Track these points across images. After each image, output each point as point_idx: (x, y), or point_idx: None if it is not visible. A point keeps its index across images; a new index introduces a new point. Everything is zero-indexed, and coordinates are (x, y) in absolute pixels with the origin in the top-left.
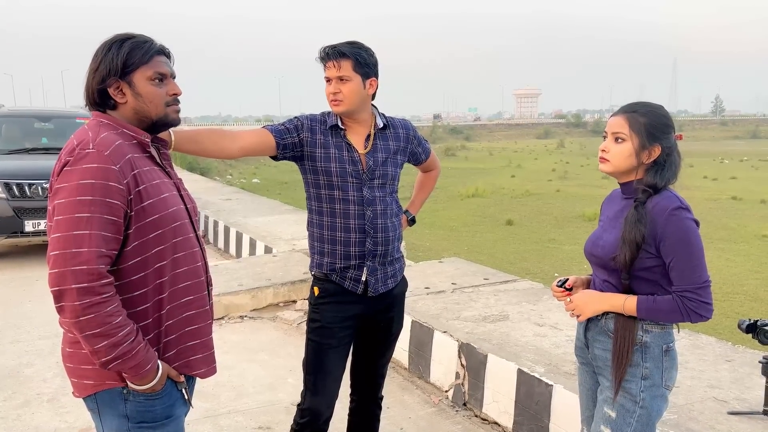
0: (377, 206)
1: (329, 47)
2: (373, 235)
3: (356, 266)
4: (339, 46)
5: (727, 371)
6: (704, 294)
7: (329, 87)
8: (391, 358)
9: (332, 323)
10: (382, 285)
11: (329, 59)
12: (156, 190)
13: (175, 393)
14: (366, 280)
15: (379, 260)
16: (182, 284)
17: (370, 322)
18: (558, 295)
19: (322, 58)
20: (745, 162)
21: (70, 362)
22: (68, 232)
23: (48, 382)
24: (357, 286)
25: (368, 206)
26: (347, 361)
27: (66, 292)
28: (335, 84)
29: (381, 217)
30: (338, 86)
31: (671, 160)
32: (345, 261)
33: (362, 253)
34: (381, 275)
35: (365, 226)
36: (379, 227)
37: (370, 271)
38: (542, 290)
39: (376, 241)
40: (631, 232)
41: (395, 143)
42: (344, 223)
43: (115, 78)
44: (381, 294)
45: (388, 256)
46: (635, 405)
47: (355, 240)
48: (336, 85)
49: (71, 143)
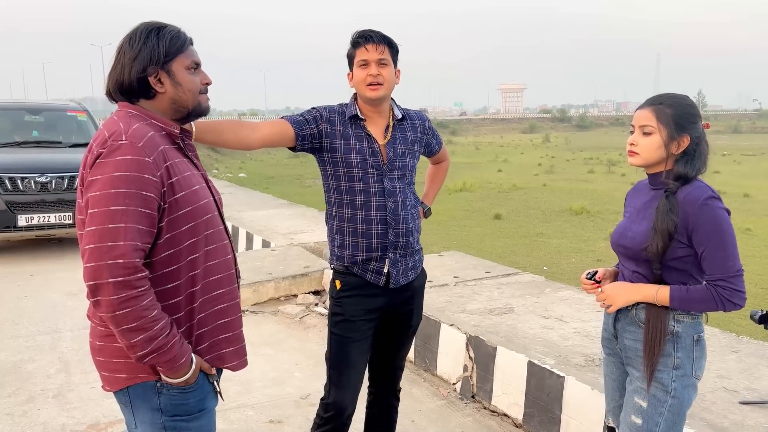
0: (398, 197)
1: (368, 30)
2: (395, 226)
3: (378, 258)
4: (375, 30)
5: (735, 361)
6: (737, 282)
7: (367, 70)
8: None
9: (355, 316)
10: (403, 276)
11: (370, 42)
12: (187, 182)
13: (207, 386)
14: (388, 271)
15: (401, 252)
16: (214, 277)
17: (392, 314)
18: (588, 287)
19: (358, 40)
20: (728, 156)
21: (101, 356)
22: (103, 225)
23: (52, 377)
24: (379, 278)
25: (389, 197)
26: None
27: (102, 286)
28: (375, 67)
29: (402, 208)
30: (378, 69)
31: (700, 149)
32: (367, 253)
33: (384, 245)
34: (402, 267)
35: (387, 218)
36: (401, 218)
37: (392, 263)
38: (544, 283)
39: (398, 233)
40: (664, 221)
41: (413, 134)
42: (365, 215)
43: (155, 67)
44: (402, 286)
45: (408, 247)
46: (667, 395)
47: (378, 232)
48: (376, 68)
49: (102, 134)
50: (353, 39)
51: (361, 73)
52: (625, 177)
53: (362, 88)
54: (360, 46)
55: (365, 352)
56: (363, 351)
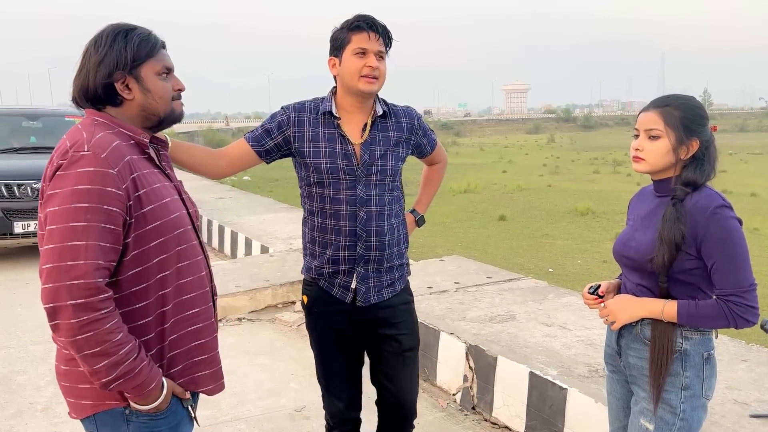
0: (372, 207)
1: (371, 17)
2: (365, 238)
3: (345, 272)
4: (378, 20)
5: (744, 371)
6: (750, 298)
7: (366, 60)
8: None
9: (325, 333)
10: (375, 294)
11: (374, 30)
12: (157, 195)
13: (181, 411)
14: (355, 288)
15: (373, 267)
16: (187, 296)
17: (371, 334)
18: (590, 302)
19: (360, 24)
20: (734, 155)
21: (66, 381)
22: (62, 243)
23: (41, 390)
24: (346, 294)
25: (361, 206)
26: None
27: (61, 308)
28: (375, 58)
29: (376, 219)
30: (378, 62)
31: (709, 153)
32: (333, 266)
33: (352, 258)
34: (374, 284)
35: (356, 229)
36: (373, 230)
37: (360, 278)
38: (547, 288)
39: (369, 246)
40: (671, 231)
41: (396, 134)
42: (334, 224)
43: (122, 72)
44: (373, 305)
45: (384, 262)
46: (675, 417)
47: (345, 243)
48: (376, 60)
49: (63, 144)
50: (352, 22)
51: (357, 62)
52: (631, 177)
53: (355, 80)
54: (361, 31)
55: (347, 364)
56: (344, 364)
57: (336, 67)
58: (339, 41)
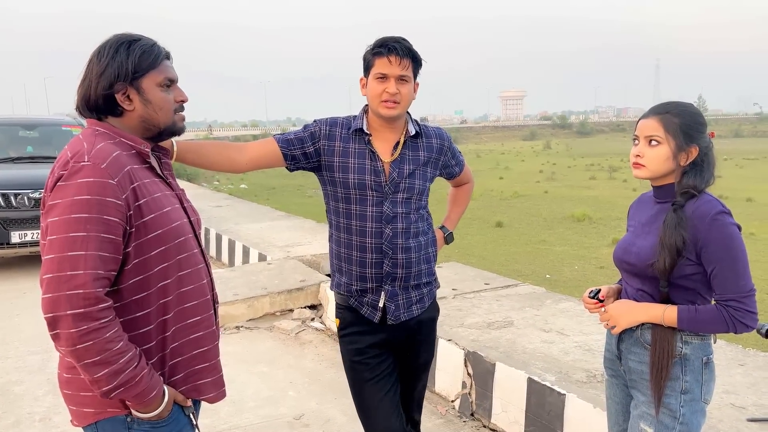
0: (398, 224)
1: (394, 40)
2: (391, 256)
3: (374, 290)
4: (402, 41)
5: (741, 375)
6: (749, 303)
7: (385, 85)
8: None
9: (358, 356)
10: (405, 312)
11: (394, 54)
12: (157, 204)
13: (183, 419)
14: (384, 306)
15: (400, 284)
16: (189, 304)
17: (398, 349)
18: (591, 307)
19: (380, 50)
20: (729, 161)
21: (68, 389)
22: (62, 254)
23: (39, 400)
24: (374, 314)
25: (387, 224)
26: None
27: (61, 318)
28: (394, 84)
29: (402, 236)
30: (398, 86)
31: (708, 159)
32: (361, 283)
33: (380, 275)
34: (403, 301)
35: (382, 246)
36: (399, 247)
37: (389, 296)
38: (544, 294)
39: (396, 263)
40: (672, 236)
41: (426, 153)
42: (360, 241)
43: (123, 83)
44: (403, 321)
45: (411, 280)
46: (675, 421)
47: (372, 260)
48: (396, 85)
49: (65, 155)
50: (375, 46)
51: (377, 87)
52: (627, 183)
53: (376, 104)
54: (382, 56)
55: (383, 390)
56: (379, 390)
57: (364, 88)
58: (366, 62)
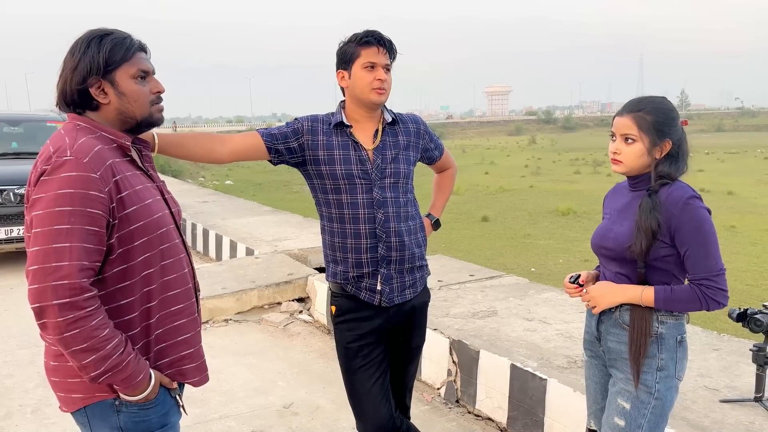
0: (389, 208)
1: (377, 32)
2: (385, 239)
3: (370, 274)
4: (381, 33)
5: (716, 360)
6: (721, 281)
7: (375, 73)
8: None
9: (353, 343)
10: (398, 295)
11: (382, 45)
12: (139, 196)
13: (169, 400)
14: (381, 289)
15: (395, 267)
16: (171, 292)
17: (392, 335)
18: (572, 291)
19: (369, 39)
20: (711, 155)
21: (55, 376)
22: (47, 246)
23: (30, 392)
24: (373, 297)
25: (379, 208)
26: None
27: (47, 308)
28: (383, 71)
29: (394, 220)
30: (386, 74)
31: (682, 150)
32: (357, 269)
33: (375, 259)
34: (397, 284)
35: (376, 230)
36: (392, 231)
37: (384, 279)
38: (528, 285)
39: (390, 246)
40: (647, 220)
41: (405, 138)
42: (354, 228)
43: (96, 77)
44: (397, 305)
45: (405, 263)
46: (650, 396)
47: (367, 246)
48: (384, 73)
49: (47, 150)
50: (362, 37)
51: (367, 76)
52: (611, 177)
53: (366, 92)
54: (371, 45)
55: (374, 376)
56: (371, 376)
57: (345, 79)
58: (348, 55)
